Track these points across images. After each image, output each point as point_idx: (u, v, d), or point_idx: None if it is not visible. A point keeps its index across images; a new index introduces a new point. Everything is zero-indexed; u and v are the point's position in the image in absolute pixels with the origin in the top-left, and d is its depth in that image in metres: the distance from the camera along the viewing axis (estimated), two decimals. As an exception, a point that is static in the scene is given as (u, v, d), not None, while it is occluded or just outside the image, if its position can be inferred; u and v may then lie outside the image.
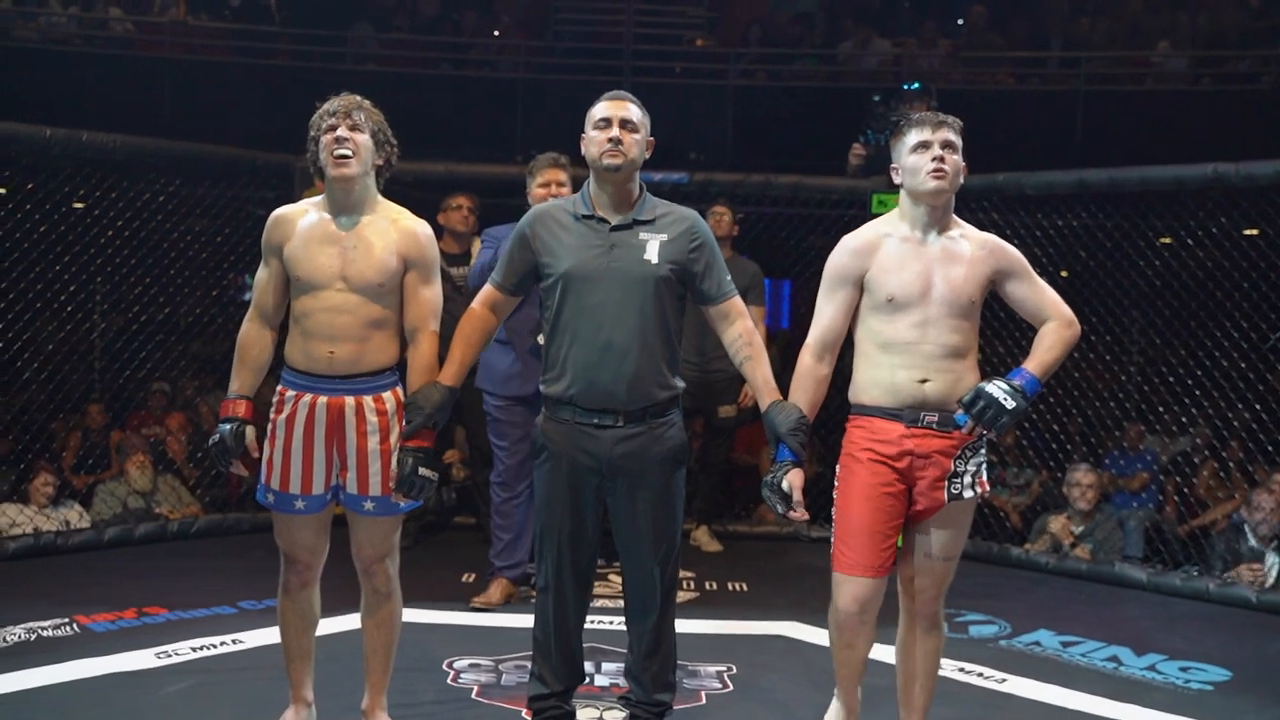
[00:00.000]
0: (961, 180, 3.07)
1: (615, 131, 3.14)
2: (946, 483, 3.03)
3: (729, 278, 3.25)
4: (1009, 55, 9.72)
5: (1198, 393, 6.04)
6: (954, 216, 3.13)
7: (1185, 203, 6.02)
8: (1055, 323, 3.08)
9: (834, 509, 3.13)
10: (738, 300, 3.24)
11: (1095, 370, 7.29)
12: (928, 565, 3.10)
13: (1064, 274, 7.23)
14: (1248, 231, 6.24)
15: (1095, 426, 7.54)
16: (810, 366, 3.11)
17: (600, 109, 3.20)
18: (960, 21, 10.52)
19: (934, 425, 3.01)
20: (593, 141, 3.18)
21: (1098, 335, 6.91)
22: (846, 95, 9.02)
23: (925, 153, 3.02)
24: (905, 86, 6.68)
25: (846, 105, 8.23)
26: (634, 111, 3.20)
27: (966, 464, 3.05)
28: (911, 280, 3.02)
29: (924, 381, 3.01)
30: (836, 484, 3.14)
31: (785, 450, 3.04)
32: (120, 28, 9.45)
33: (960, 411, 2.97)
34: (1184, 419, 6.79)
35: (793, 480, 3.03)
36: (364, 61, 9.12)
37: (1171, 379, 6.16)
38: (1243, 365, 5.91)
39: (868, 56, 9.75)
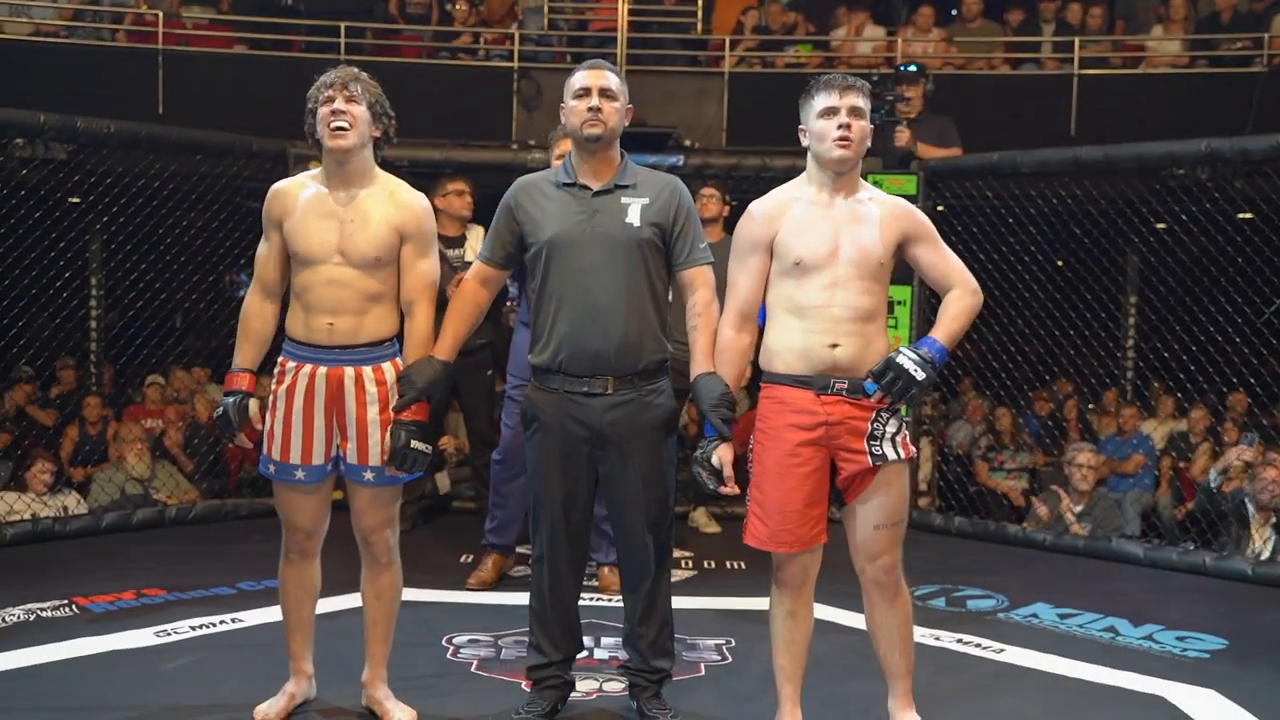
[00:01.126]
0: (868, 145, 3.09)
1: (595, 100, 3.16)
2: (866, 444, 3.01)
3: (704, 247, 3.25)
4: (1003, 40, 9.72)
5: (1199, 377, 6.05)
6: (861, 180, 3.13)
7: (1181, 185, 6.04)
8: (959, 290, 3.09)
9: (750, 485, 3.12)
10: (706, 270, 3.23)
11: (1092, 351, 7.32)
12: (874, 536, 3.07)
13: (1060, 262, 7.27)
14: (1242, 215, 6.26)
15: (1091, 407, 7.58)
16: (731, 338, 3.11)
17: (579, 78, 3.22)
18: (954, 12, 10.54)
19: (844, 392, 3.01)
20: (573, 111, 3.20)
21: (1096, 319, 6.94)
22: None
23: (832, 119, 3.01)
24: (901, 68, 6.69)
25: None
26: (612, 80, 3.22)
27: (884, 425, 3.03)
28: (819, 242, 3.01)
29: (834, 346, 3.00)
30: (751, 459, 3.12)
31: (710, 426, 3.06)
32: (113, 21, 9.43)
33: (869, 380, 2.99)
34: (1184, 402, 6.83)
35: (722, 455, 3.04)
36: (357, 51, 9.10)
37: (1173, 362, 6.18)
38: (1240, 344, 5.92)
39: (861, 43, 9.75)
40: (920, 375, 2.95)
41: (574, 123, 3.19)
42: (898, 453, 3.04)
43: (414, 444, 3.16)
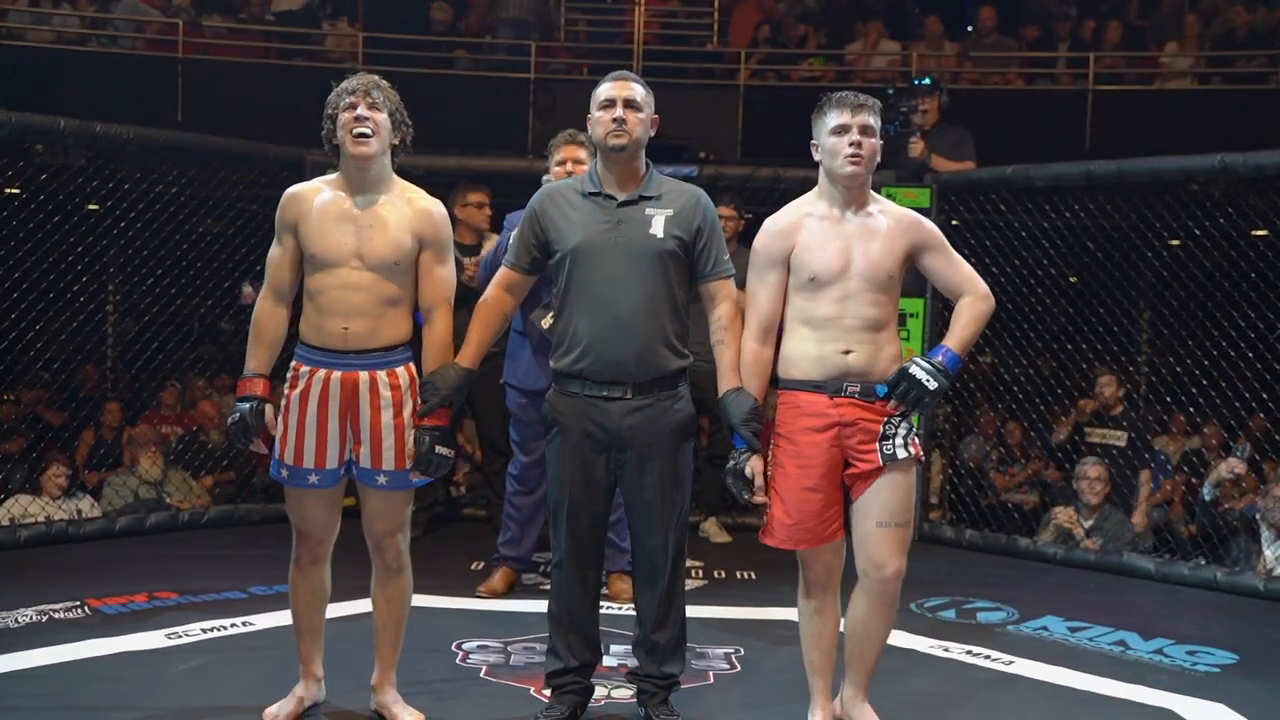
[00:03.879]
0: (877, 161, 3.15)
1: (619, 111, 3.20)
2: (878, 444, 3.08)
3: (727, 258, 3.29)
4: (1017, 55, 9.74)
5: (1212, 393, 6.04)
6: (871, 192, 3.20)
7: (1195, 201, 6.03)
8: (971, 297, 3.18)
9: (770, 487, 3.17)
10: (729, 284, 3.28)
11: (1105, 366, 7.30)
12: (878, 533, 3.10)
13: (1073, 279, 7.27)
14: (1256, 232, 6.25)
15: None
16: (755, 351, 3.19)
17: (605, 89, 3.26)
18: (970, 29, 10.57)
19: (856, 395, 3.09)
20: (598, 122, 3.23)
21: (1109, 333, 6.92)
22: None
23: (843, 136, 3.09)
24: (915, 81, 6.70)
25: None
26: (638, 91, 3.25)
27: (896, 427, 3.10)
28: (831, 258, 3.10)
29: (847, 353, 3.09)
30: (770, 463, 3.18)
31: (739, 439, 3.13)
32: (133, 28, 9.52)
33: (881, 384, 3.08)
34: (1197, 418, 6.81)
35: (754, 466, 3.13)
36: (373, 61, 9.17)
37: (1186, 379, 6.16)
38: (1253, 359, 5.90)
39: (876, 56, 9.78)
40: (933, 385, 3.06)
41: (599, 133, 3.23)
42: (908, 451, 3.09)
43: (439, 449, 3.19)
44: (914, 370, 3.06)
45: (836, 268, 3.09)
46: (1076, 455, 6.33)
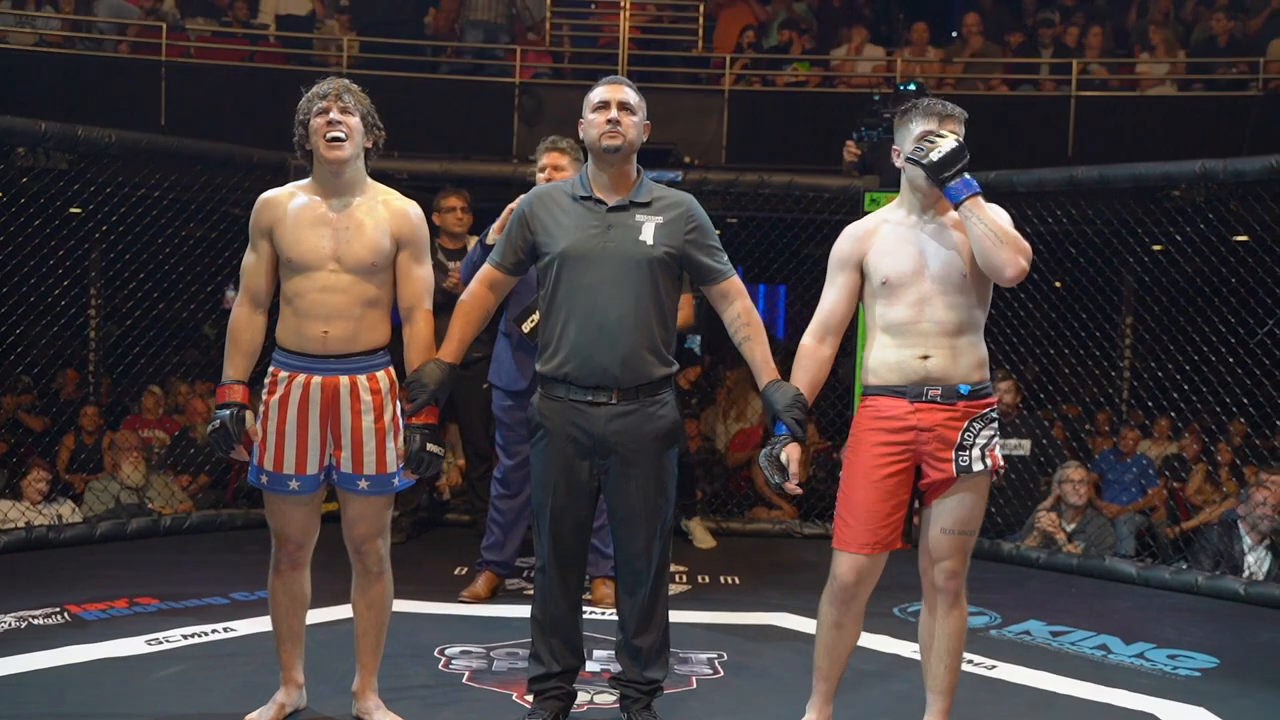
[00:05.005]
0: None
1: (614, 113, 3.21)
2: (954, 454, 3.07)
3: (726, 258, 3.31)
4: (1001, 61, 9.78)
5: (1193, 397, 6.07)
6: None
7: (1176, 207, 6.06)
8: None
9: (839, 492, 3.18)
10: (736, 280, 3.29)
11: (1088, 371, 7.33)
12: (942, 539, 3.12)
13: (1058, 284, 7.29)
14: (1237, 238, 6.29)
15: (1088, 428, 7.59)
16: (811, 348, 3.19)
17: (598, 93, 3.27)
18: (955, 34, 10.61)
19: (937, 399, 3.07)
20: (591, 124, 3.24)
21: (1091, 338, 6.95)
22: (840, 101, 9.09)
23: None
24: (901, 87, 6.72)
25: (840, 111, 8.28)
26: (631, 95, 3.26)
27: (975, 437, 3.08)
28: (904, 261, 3.09)
29: (926, 358, 3.07)
30: (843, 463, 3.20)
31: (781, 426, 3.10)
32: (114, 31, 9.48)
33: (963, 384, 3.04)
34: (1179, 424, 6.83)
35: (791, 453, 3.08)
36: (359, 65, 9.15)
37: (1167, 383, 6.19)
38: (1234, 366, 5.94)
39: (861, 62, 9.80)
40: (957, 145, 2.98)
41: (592, 135, 3.23)
42: (984, 464, 3.09)
43: (430, 447, 3.18)
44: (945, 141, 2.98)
45: (909, 271, 3.07)
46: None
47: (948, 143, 3.01)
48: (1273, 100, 8.83)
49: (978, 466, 3.08)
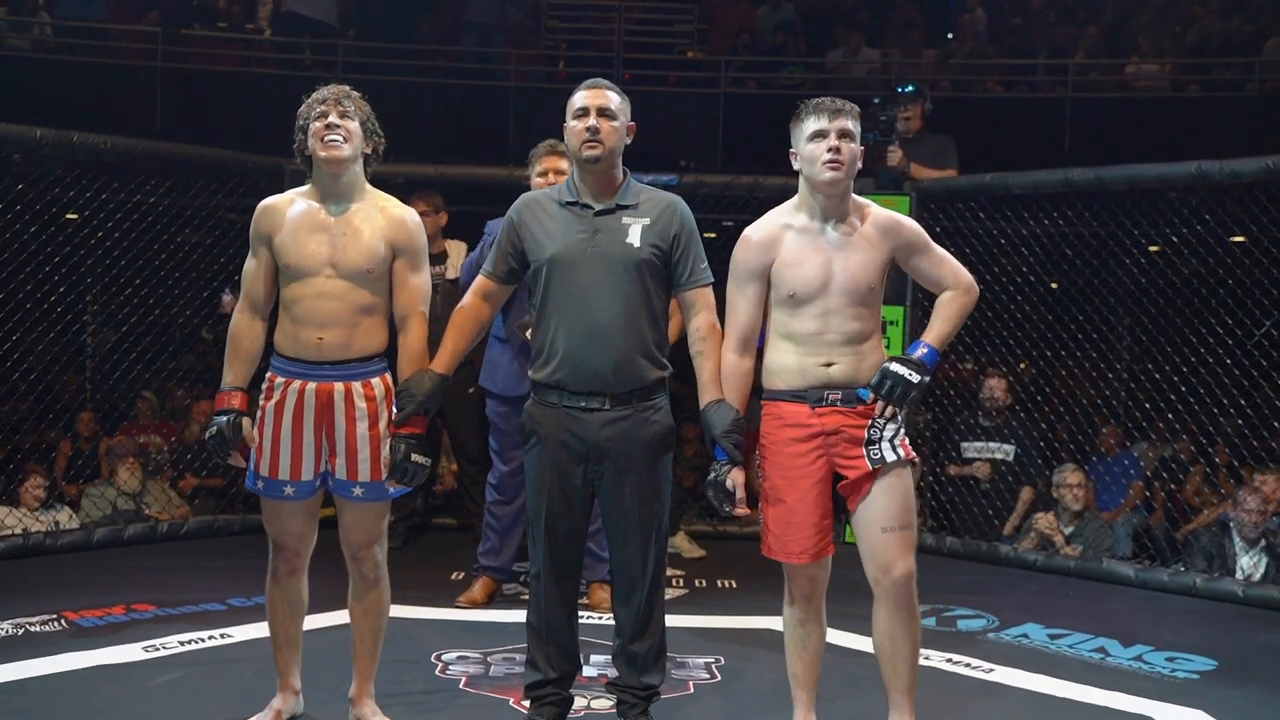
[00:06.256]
0: (858, 168, 3.12)
1: (593, 120, 3.18)
2: (865, 450, 3.07)
3: (704, 267, 3.28)
4: (997, 63, 9.79)
5: (1190, 399, 6.06)
6: (853, 198, 3.17)
7: (1173, 208, 6.07)
8: (952, 292, 3.18)
9: (761, 500, 3.18)
10: (707, 292, 3.26)
11: (1085, 372, 7.33)
12: (885, 541, 3.08)
13: (1054, 285, 7.30)
14: (1234, 238, 6.29)
15: (1085, 430, 7.58)
16: (735, 363, 3.18)
17: (579, 98, 3.24)
18: (950, 35, 10.62)
19: (838, 403, 3.09)
20: (572, 132, 3.22)
21: (1088, 340, 6.95)
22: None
23: (822, 142, 3.07)
24: (899, 89, 6.72)
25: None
26: (612, 99, 3.24)
27: (880, 432, 3.09)
28: (811, 275, 3.08)
29: (829, 365, 3.09)
30: (760, 475, 3.20)
31: (721, 451, 3.11)
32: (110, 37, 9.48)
33: (865, 388, 3.08)
34: (1176, 425, 6.83)
35: (735, 478, 3.11)
36: (355, 70, 9.15)
37: (1165, 385, 6.18)
38: (1232, 367, 5.93)
39: (856, 64, 9.81)
40: (915, 378, 3.05)
41: (573, 144, 3.22)
42: (897, 453, 3.08)
43: (414, 457, 3.17)
44: (894, 367, 3.06)
45: (816, 284, 3.07)
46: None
47: (905, 389, 3.05)
48: (1269, 100, 8.84)
49: (891, 456, 3.07)
